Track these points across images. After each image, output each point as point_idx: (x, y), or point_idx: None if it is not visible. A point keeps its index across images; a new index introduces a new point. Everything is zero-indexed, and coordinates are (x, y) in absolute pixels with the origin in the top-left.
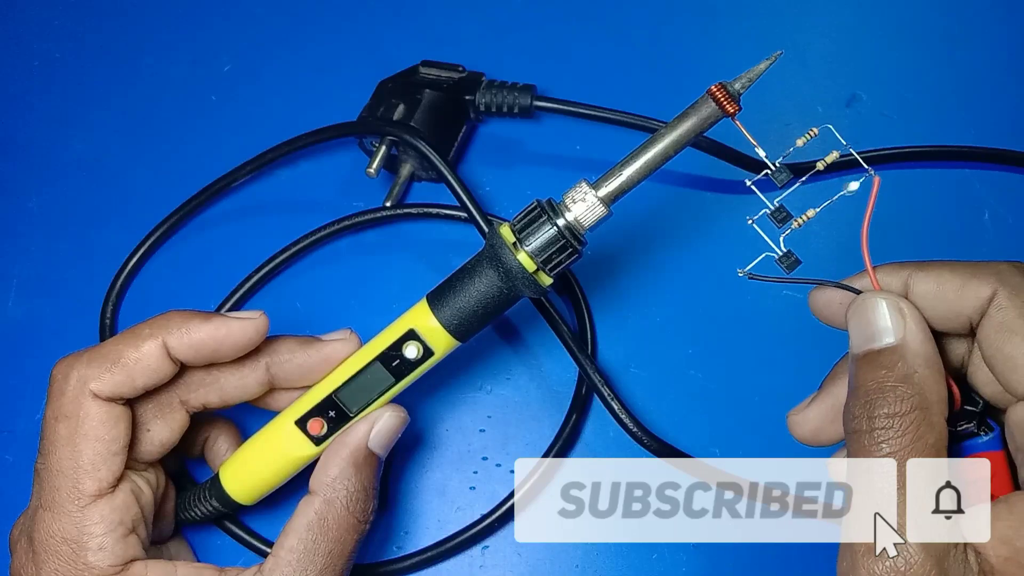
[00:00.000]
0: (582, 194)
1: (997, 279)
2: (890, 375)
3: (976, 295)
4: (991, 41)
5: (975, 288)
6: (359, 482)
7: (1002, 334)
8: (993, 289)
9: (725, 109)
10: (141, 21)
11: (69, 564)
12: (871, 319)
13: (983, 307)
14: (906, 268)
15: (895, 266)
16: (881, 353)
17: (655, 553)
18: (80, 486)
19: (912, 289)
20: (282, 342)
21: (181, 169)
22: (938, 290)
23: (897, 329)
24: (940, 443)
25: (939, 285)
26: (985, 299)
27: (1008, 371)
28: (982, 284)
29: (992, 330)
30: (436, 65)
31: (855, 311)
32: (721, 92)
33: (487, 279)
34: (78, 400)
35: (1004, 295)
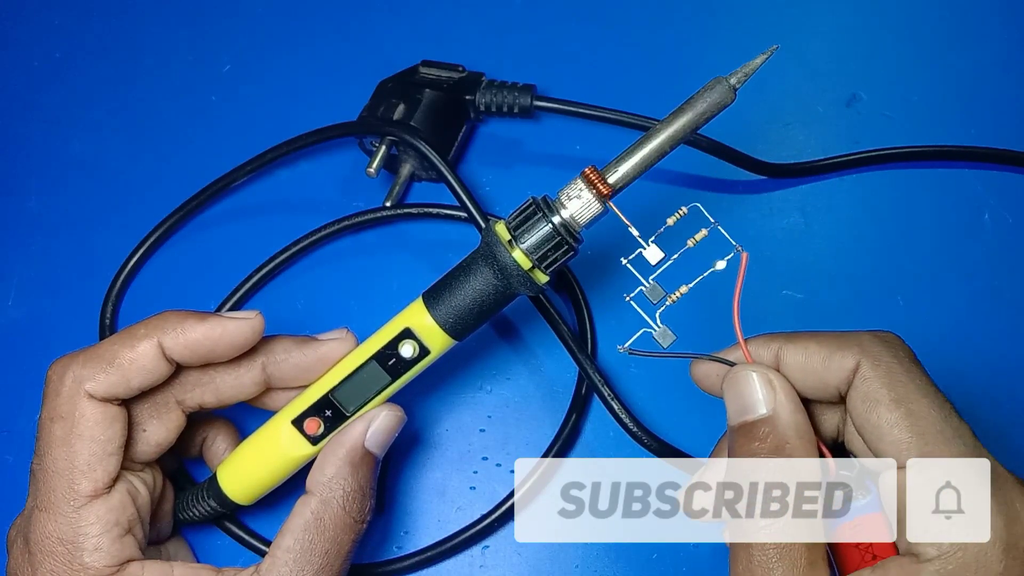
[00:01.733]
0: (577, 191)
1: (860, 350)
2: (763, 447)
3: (841, 367)
4: (991, 41)
5: (839, 360)
6: (356, 482)
7: (867, 404)
8: (856, 360)
9: (599, 190)
10: (141, 21)
11: (65, 565)
12: (743, 392)
13: (848, 378)
14: (776, 340)
15: (766, 338)
16: (754, 425)
17: (655, 553)
18: (76, 487)
19: (782, 360)
20: (278, 342)
21: (181, 169)
22: (805, 362)
23: (768, 401)
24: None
25: (806, 357)
26: (850, 370)
27: (875, 440)
28: (846, 355)
29: (858, 400)
30: (436, 65)
31: (729, 383)
32: (594, 174)
33: (483, 277)
34: (73, 401)
35: (867, 365)
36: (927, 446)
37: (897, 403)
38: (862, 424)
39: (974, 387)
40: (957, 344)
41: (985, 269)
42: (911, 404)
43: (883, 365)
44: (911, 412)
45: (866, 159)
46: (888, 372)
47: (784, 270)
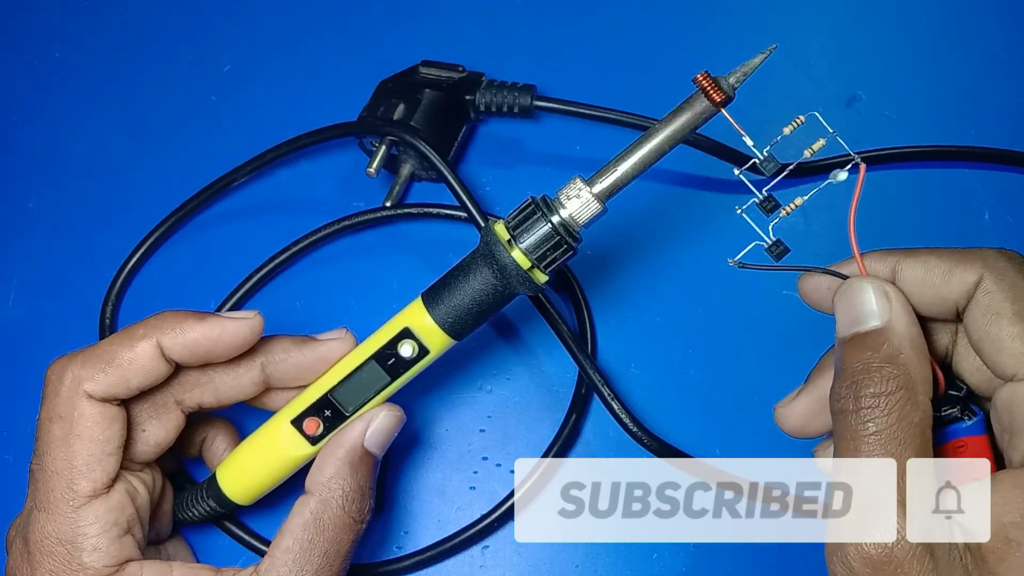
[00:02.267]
0: (576, 190)
1: (983, 264)
2: (876, 356)
3: (962, 280)
4: (991, 41)
5: (961, 273)
6: (355, 482)
7: (989, 317)
8: (979, 274)
9: (711, 97)
10: (141, 21)
11: (64, 565)
12: (857, 303)
13: (970, 292)
14: (893, 255)
15: (883, 253)
16: (867, 335)
17: (655, 553)
18: (75, 487)
19: (899, 275)
20: (277, 341)
21: (181, 169)
22: (925, 276)
23: (883, 312)
24: (925, 422)
25: (926, 271)
26: (972, 284)
27: (995, 353)
28: (968, 269)
29: (979, 313)
30: (436, 65)
31: (842, 296)
32: (707, 81)
33: (482, 277)
34: (72, 401)
35: (991, 279)
36: None
37: (1021, 317)
38: (981, 337)
39: None
40: None
41: None
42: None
43: (1008, 279)
44: None
45: (866, 159)
46: (1012, 286)
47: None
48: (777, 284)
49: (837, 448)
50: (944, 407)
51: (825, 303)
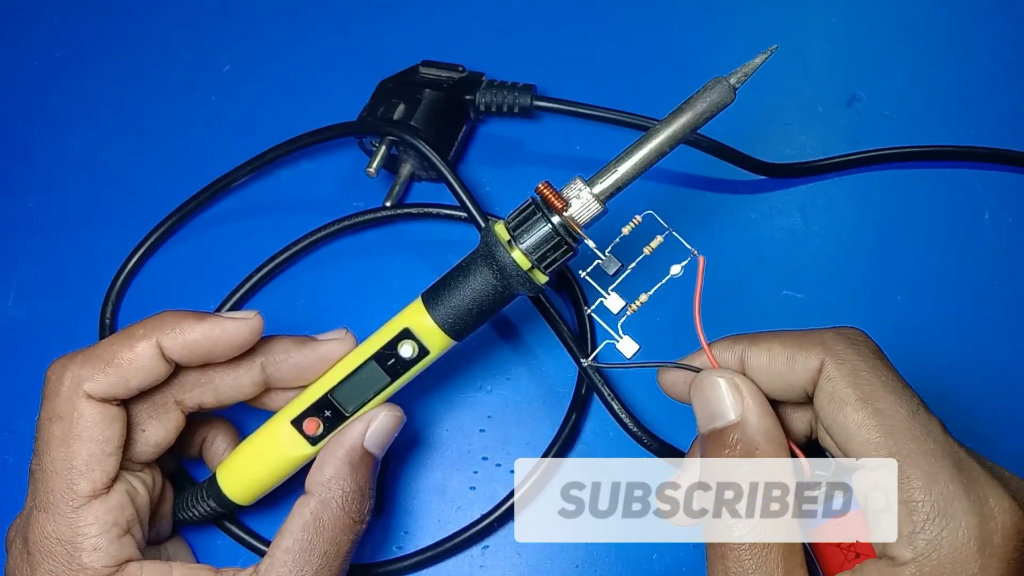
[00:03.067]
0: (576, 191)
1: (823, 348)
2: (733, 453)
3: (805, 367)
4: (991, 41)
5: (803, 360)
6: (355, 482)
7: (833, 404)
8: (820, 359)
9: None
10: (141, 21)
11: (64, 565)
12: (710, 398)
13: (814, 378)
14: (740, 343)
15: (729, 341)
16: (723, 431)
17: (655, 553)
18: (74, 487)
19: (747, 363)
20: (277, 342)
21: (181, 169)
22: (770, 364)
23: (735, 406)
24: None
25: (770, 359)
26: (814, 370)
27: (844, 441)
28: (809, 355)
29: (824, 400)
30: (436, 65)
31: (696, 390)
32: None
33: (482, 277)
34: (72, 401)
35: (831, 365)
36: (896, 444)
37: (864, 402)
38: (830, 425)
39: (973, 386)
40: (957, 344)
41: (985, 269)
42: (878, 403)
43: (847, 363)
44: (878, 411)
45: (866, 159)
46: (853, 370)
47: (784, 270)
48: (777, 284)
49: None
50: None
51: (685, 396)
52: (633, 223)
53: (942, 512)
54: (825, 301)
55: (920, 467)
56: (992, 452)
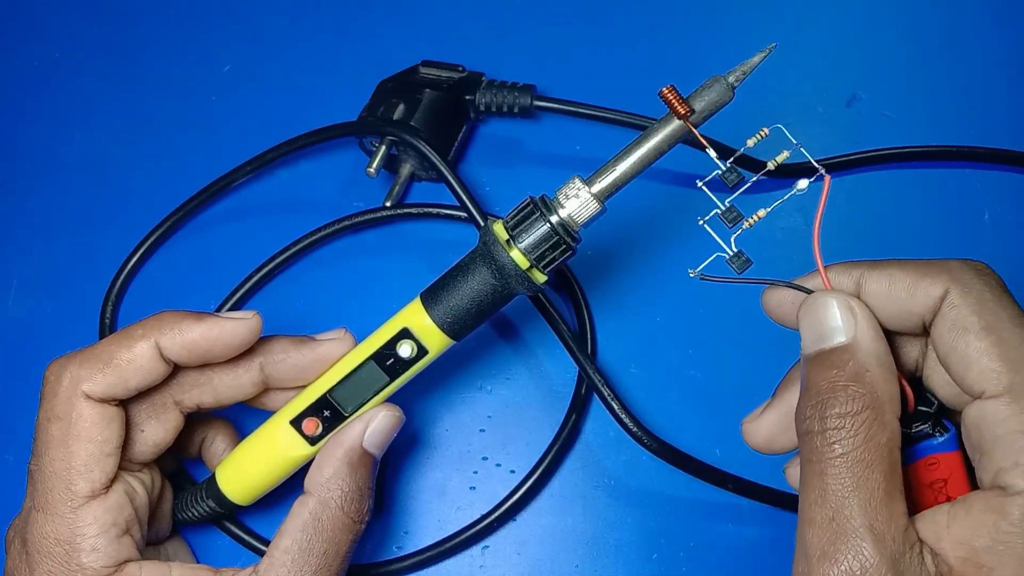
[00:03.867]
0: (575, 190)
1: (949, 277)
2: (841, 374)
3: (928, 293)
4: (991, 41)
5: (927, 287)
6: (354, 482)
7: (955, 332)
8: (945, 287)
9: (676, 110)
10: (141, 21)
11: (62, 565)
12: (822, 319)
13: (935, 306)
14: (858, 267)
15: (847, 265)
16: (832, 352)
17: (655, 553)
18: (73, 487)
19: (864, 288)
20: (276, 342)
21: (181, 169)
22: (890, 290)
23: (848, 328)
24: (893, 442)
25: (891, 285)
26: (937, 297)
27: (963, 369)
28: (934, 282)
29: (945, 328)
30: (436, 65)
31: (806, 311)
32: (672, 93)
33: (480, 277)
34: (71, 401)
35: (956, 293)
36: (1018, 376)
37: (988, 331)
38: (948, 352)
39: None
40: None
41: None
42: (1003, 332)
43: (974, 292)
44: (1002, 340)
45: (866, 159)
46: (979, 299)
47: (784, 270)
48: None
49: (803, 471)
50: (915, 423)
51: (790, 318)
52: (759, 135)
53: None
54: None
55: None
56: None
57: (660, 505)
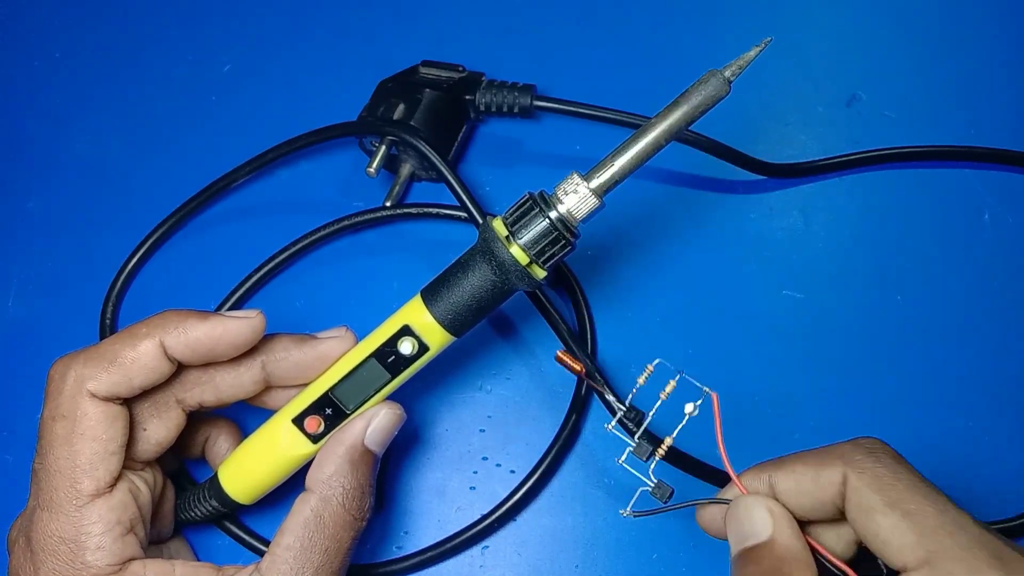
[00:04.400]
0: (574, 186)
1: (842, 462)
2: (759, 569)
3: (830, 481)
4: (991, 41)
5: (827, 476)
6: (355, 479)
7: (861, 513)
8: (842, 472)
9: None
10: (141, 21)
11: (67, 564)
12: (743, 522)
13: (841, 491)
14: (766, 469)
15: (756, 470)
16: (752, 550)
17: (655, 553)
18: (78, 486)
19: (775, 488)
20: (278, 340)
21: (181, 169)
22: (797, 485)
23: (765, 528)
24: None
25: (796, 480)
26: (839, 483)
27: (881, 547)
28: (831, 470)
29: (853, 511)
30: (436, 65)
31: (731, 516)
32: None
33: (480, 273)
34: (75, 400)
35: (853, 475)
36: (932, 543)
37: (891, 506)
38: (864, 533)
39: (973, 387)
40: (957, 344)
41: (985, 269)
42: (906, 504)
43: (868, 472)
44: (908, 512)
45: (866, 159)
46: (875, 477)
47: (784, 270)
48: (777, 284)
49: None
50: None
51: (723, 530)
52: (647, 372)
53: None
54: (825, 301)
55: (959, 561)
56: (995, 451)
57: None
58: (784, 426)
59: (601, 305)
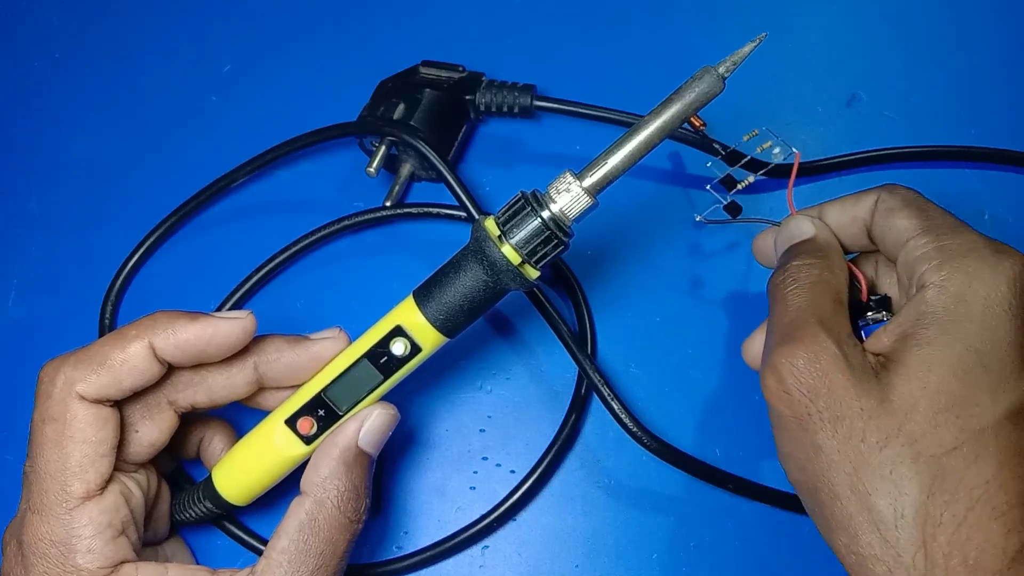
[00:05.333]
0: (566, 185)
1: (879, 189)
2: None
3: (868, 202)
4: (991, 41)
5: (865, 199)
6: (350, 482)
7: (884, 215)
8: (877, 194)
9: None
10: (141, 21)
11: (58, 567)
12: (793, 228)
13: (872, 208)
14: (816, 206)
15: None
16: (798, 243)
17: (655, 553)
18: (68, 488)
19: (823, 217)
20: (270, 341)
21: (181, 169)
22: (841, 207)
23: (810, 228)
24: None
25: (840, 206)
26: (873, 200)
27: (892, 236)
28: (869, 195)
29: (879, 217)
30: (436, 65)
31: (782, 230)
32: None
33: (472, 273)
34: (65, 402)
35: (885, 193)
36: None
37: (907, 206)
38: (882, 232)
39: None
40: None
41: None
42: (919, 205)
43: (899, 191)
44: (921, 210)
45: (866, 159)
46: (902, 195)
47: None
48: None
49: (770, 306)
50: (868, 311)
51: (771, 256)
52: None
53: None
54: None
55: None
56: None
57: (660, 505)
58: None
59: (601, 305)
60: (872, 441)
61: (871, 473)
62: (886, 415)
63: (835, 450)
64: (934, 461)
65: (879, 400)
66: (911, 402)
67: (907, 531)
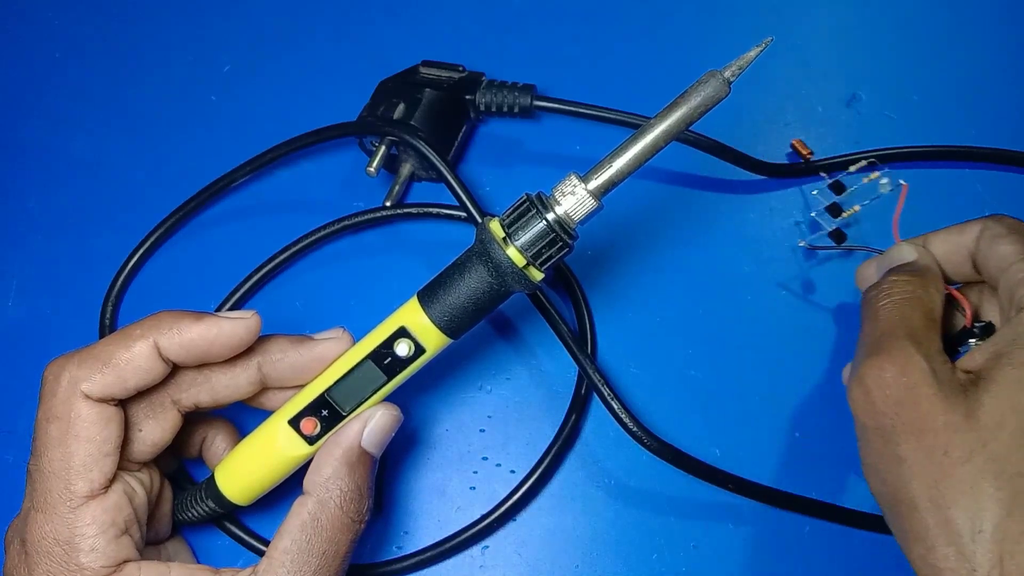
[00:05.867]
0: (572, 187)
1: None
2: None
3: (972, 230)
4: (991, 41)
5: (971, 226)
6: (352, 482)
7: (989, 242)
8: (983, 223)
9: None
10: (141, 21)
11: (61, 565)
12: (894, 253)
13: (978, 236)
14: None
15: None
16: (900, 266)
17: (655, 553)
18: (72, 487)
19: (928, 246)
20: (274, 341)
21: (181, 169)
22: (946, 236)
23: (912, 254)
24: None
25: (945, 235)
26: (979, 228)
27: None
28: (975, 224)
29: (984, 244)
30: (436, 65)
31: (884, 256)
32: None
33: (477, 275)
34: (69, 401)
35: (991, 222)
36: None
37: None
38: (986, 258)
39: None
40: None
41: None
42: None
43: (1006, 220)
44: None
45: (866, 159)
46: (1010, 223)
47: (784, 270)
48: (776, 284)
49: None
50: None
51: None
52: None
53: None
54: (825, 300)
55: None
56: None
57: (660, 505)
58: (785, 425)
59: (601, 305)
60: (955, 455)
61: (951, 486)
62: (971, 430)
63: (917, 462)
64: (1017, 479)
65: (965, 415)
66: (998, 419)
67: (984, 547)
